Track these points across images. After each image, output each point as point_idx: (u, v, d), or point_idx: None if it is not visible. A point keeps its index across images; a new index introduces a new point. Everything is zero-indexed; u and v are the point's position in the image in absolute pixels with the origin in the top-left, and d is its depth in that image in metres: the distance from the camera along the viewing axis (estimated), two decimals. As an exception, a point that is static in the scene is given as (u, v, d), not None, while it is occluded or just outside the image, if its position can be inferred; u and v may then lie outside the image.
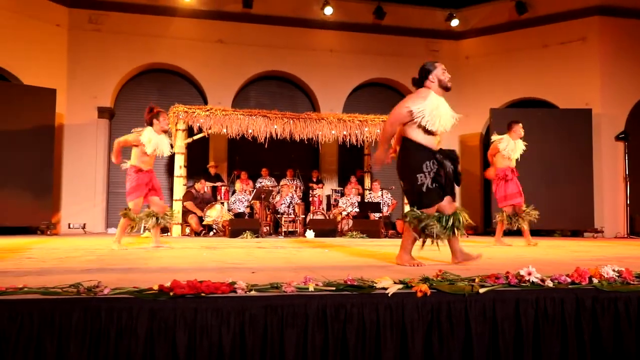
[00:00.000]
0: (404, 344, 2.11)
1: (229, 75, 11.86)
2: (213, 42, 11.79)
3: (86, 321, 1.91)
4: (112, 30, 11.27)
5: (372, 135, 10.13)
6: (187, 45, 11.66)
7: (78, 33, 11.12)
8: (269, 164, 11.31)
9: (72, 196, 10.96)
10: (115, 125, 11.66)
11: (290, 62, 12.19)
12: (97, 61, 11.15)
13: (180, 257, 4.43)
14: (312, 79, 12.33)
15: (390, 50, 12.47)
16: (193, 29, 11.73)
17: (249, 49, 11.88)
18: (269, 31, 12.00)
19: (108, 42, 11.23)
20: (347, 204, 10.51)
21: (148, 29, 11.42)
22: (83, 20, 11.16)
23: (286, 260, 4.01)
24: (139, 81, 11.88)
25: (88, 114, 11.15)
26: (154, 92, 11.83)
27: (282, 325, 2.05)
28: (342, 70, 12.37)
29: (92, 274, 2.83)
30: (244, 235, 8.49)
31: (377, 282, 2.25)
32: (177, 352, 1.96)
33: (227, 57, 11.80)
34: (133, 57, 11.42)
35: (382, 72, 12.59)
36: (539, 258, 4.37)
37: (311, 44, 12.34)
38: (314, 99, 12.50)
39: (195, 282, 2.08)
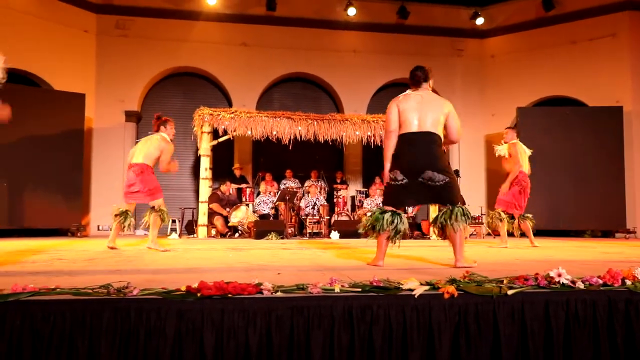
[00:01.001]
0: (431, 346, 2.09)
1: (253, 77, 11.94)
2: (237, 45, 11.89)
3: (116, 321, 1.94)
4: (138, 35, 11.47)
5: (397, 136, 10.07)
6: (211, 49, 11.79)
7: (105, 38, 11.35)
8: (294, 165, 11.34)
9: (101, 198, 11.17)
10: (142, 128, 11.84)
11: (314, 64, 12.21)
12: (124, 66, 11.37)
13: (207, 258, 4.47)
14: (335, 80, 12.33)
15: (414, 50, 12.38)
16: (217, 32, 11.86)
17: (273, 51, 11.94)
18: (292, 33, 12.05)
19: (134, 47, 11.43)
20: (371, 205, 10.47)
21: (173, 33, 11.59)
22: (110, 25, 11.38)
23: (311, 262, 4.02)
24: (164, 85, 12.06)
25: (116, 118, 11.37)
26: (180, 96, 11.99)
27: (309, 326, 2.05)
28: (366, 71, 12.34)
29: (122, 275, 2.88)
30: (269, 237, 8.53)
31: (403, 284, 2.24)
32: (204, 352, 1.98)
33: (250, 60, 11.88)
34: (159, 61, 11.60)
35: (406, 73, 12.25)
36: (569, 259, 4.28)
37: (334, 45, 12.34)
38: (337, 100, 12.49)
39: (222, 283, 2.10)
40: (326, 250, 5.67)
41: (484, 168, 12.60)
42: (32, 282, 2.15)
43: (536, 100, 12.07)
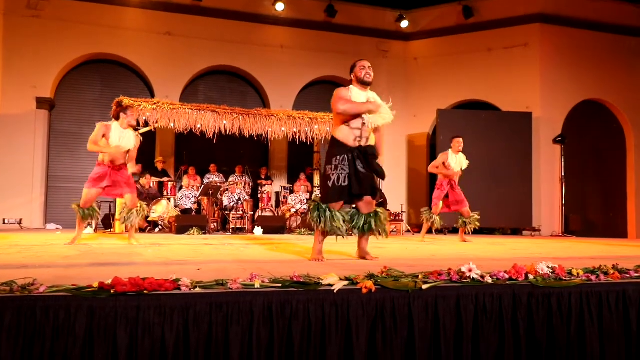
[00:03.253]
0: (349, 341, 2.14)
1: (177, 68, 11.61)
2: (161, 34, 11.51)
3: (19, 321, 1.83)
4: (53, 17, 10.80)
5: (322, 133, 10.17)
6: (133, 36, 11.33)
7: (15, 18, 10.59)
8: (218, 159, 11.16)
9: (7, 190, 10.43)
10: (56, 116, 11.20)
11: (241, 58, 12.06)
12: (36, 49, 10.66)
13: (124, 253, 4.30)
14: (262, 75, 12.25)
15: (341, 48, 12.54)
16: (140, 19, 11.41)
17: (199, 42, 11.67)
18: (219, 25, 11.83)
19: (49, 30, 10.75)
20: (296, 201, 10.52)
21: (92, 17, 11.01)
22: (21, 5, 10.63)
23: (233, 257, 3.98)
24: (81, 71, 11.44)
25: (26, 104, 10.64)
26: (98, 84, 11.44)
27: (227, 322, 2.03)
28: (293, 67, 12.36)
29: (28, 271, 2.71)
30: (191, 232, 8.34)
31: (323, 279, 2.26)
32: (117, 351, 1.91)
33: (175, 50, 11.55)
34: (76, 46, 10.98)
35: (333, 70, 12.65)
36: (481, 255, 4.52)
37: (262, 39, 12.25)
38: (264, 95, 12.42)
39: (137, 279, 2.03)
40: (249, 245, 5.63)
41: (405, 167, 13.02)
42: None
43: (455, 103, 12.61)
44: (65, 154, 11.16)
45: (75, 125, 11.14)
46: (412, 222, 12.12)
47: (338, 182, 3.66)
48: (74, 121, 11.17)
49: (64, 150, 11.16)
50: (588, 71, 11.97)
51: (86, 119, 11.02)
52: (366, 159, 3.72)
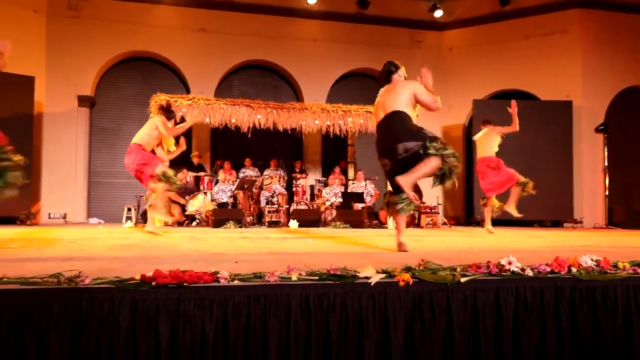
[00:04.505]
0: (386, 333, 2.13)
1: (212, 64, 11.75)
2: (195, 31, 11.66)
3: (67, 312, 1.89)
4: (92, 17, 11.08)
5: (356, 126, 10.14)
6: (169, 34, 11.52)
7: (57, 19, 10.91)
8: (253, 154, 11.27)
9: (53, 185, 10.80)
10: (96, 113, 11.51)
11: (274, 52, 12.11)
12: (77, 49, 10.96)
13: (163, 247, 4.40)
14: (295, 68, 12.28)
15: (374, 40, 12.45)
16: (175, 17, 11.58)
17: (232, 37, 11.77)
18: (252, 20, 11.90)
19: (88, 29, 11.04)
20: (330, 194, 10.53)
21: (129, 16, 11.24)
22: (62, 6, 10.94)
23: (270, 250, 4.01)
24: (120, 69, 11.71)
25: (68, 103, 10.97)
26: (136, 81, 11.69)
27: (265, 314, 2.05)
28: (326, 60, 12.33)
29: (74, 264, 2.80)
30: (227, 225, 8.46)
31: (359, 272, 2.26)
32: (159, 342, 1.95)
33: (209, 46, 11.68)
34: (114, 44, 11.25)
35: (366, 62, 12.58)
36: (520, 248, 4.43)
37: (295, 33, 12.26)
38: (297, 88, 12.45)
39: (177, 271, 2.07)
40: (285, 238, 5.67)
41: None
42: (-24, 271, 2.07)
43: (492, 93, 12.36)
44: (105, 150, 11.46)
45: (114, 122, 11.42)
46: (448, 214, 11.97)
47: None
48: (114, 118, 11.45)
49: (104, 147, 11.47)
50: (632, 57, 11.53)
51: (125, 115, 11.31)
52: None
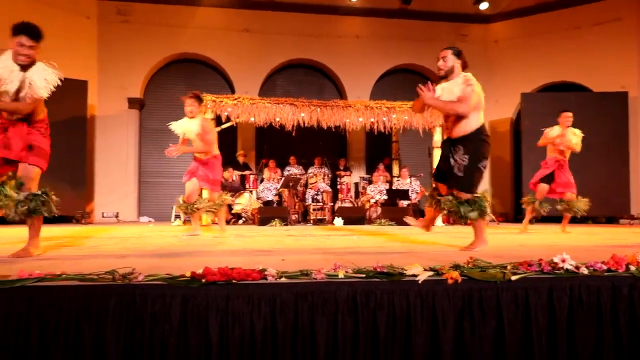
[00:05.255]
0: (435, 331, 2.10)
1: (256, 63, 11.89)
2: (239, 31, 11.82)
3: (122, 307, 1.96)
4: (139, 21, 11.41)
5: (400, 122, 10.05)
6: (213, 35, 11.72)
7: (107, 25, 11.30)
8: (297, 152, 11.33)
9: (105, 186, 11.21)
10: (145, 115, 11.85)
11: (317, 50, 12.14)
12: (126, 52, 11.32)
13: (211, 244, 4.49)
14: (338, 66, 12.27)
15: (417, 35, 12.30)
16: (219, 18, 11.78)
17: (275, 37, 11.88)
18: (295, 19, 11.97)
19: (136, 33, 11.38)
20: (375, 192, 10.48)
21: (175, 19, 11.52)
22: (111, 11, 11.32)
23: (315, 248, 4.03)
24: (167, 71, 12.02)
25: (119, 105, 11.35)
26: (182, 82, 11.95)
27: (313, 311, 2.06)
28: (369, 57, 12.27)
29: (127, 261, 2.89)
30: (273, 223, 8.55)
31: (407, 269, 2.24)
32: (210, 338, 1.99)
33: (253, 46, 11.82)
34: (161, 47, 11.55)
35: (410, 58, 12.44)
36: (573, 245, 4.28)
37: (337, 30, 12.26)
38: (340, 86, 12.44)
39: (226, 269, 2.11)
40: (330, 236, 5.68)
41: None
42: (37, 268, 2.17)
43: (540, 86, 12.00)
44: (154, 150, 11.79)
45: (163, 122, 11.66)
46: (496, 211, 11.70)
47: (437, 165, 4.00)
48: (162, 119, 11.71)
49: (153, 147, 11.79)
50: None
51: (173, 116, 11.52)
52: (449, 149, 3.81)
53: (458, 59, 3.78)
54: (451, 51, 3.78)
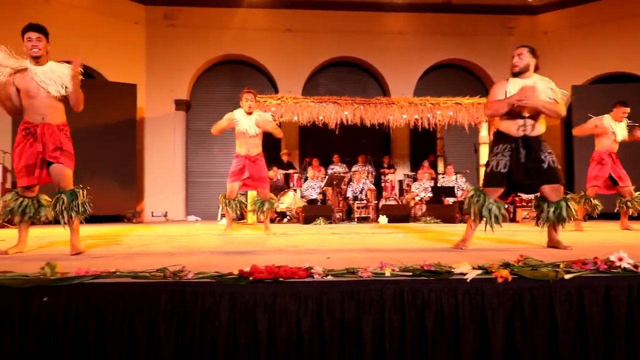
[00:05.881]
0: (485, 330, 2.06)
1: (299, 63, 11.95)
2: (282, 31, 11.91)
3: (173, 304, 2.01)
4: (185, 25, 11.67)
5: (445, 118, 9.88)
6: (256, 36, 11.86)
7: (154, 29, 11.61)
8: (341, 150, 11.33)
9: (154, 186, 11.53)
10: (192, 116, 12.10)
11: (359, 47, 12.09)
12: (172, 55, 11.60)
13: (257, 242, 4.54)
14: (381, 63, 12.19)
15: (462, 30, 12.06)
16: (262, 18, 11.90)
17: (318, 35, 11.90)
18: (337, 17, 11.96)
19: (182, 36, 11.64)
20: (419, 189, 10.36)
21: (219, 21, 11.72)
22: (158, 16, 11.62)
23: (361, 246, 4.02)
24: (212, 73, 12.24)
25: (166, 107, 11.65)
26: (227, 83, 12.14)
27: (359, 310, 2.06)
28: (413, 53, 12.12)
29: (177, 259, 2.96)
30: (317, 222, 8.57)
31: (455, 268, 2.21)
32: (258, 335, 2.02)
33: (296, 45, 11.89)
34: (206, 49, 11.77)
35: (455, 53, 12.21)
36: (630, 243, 4.11)
37: (380, 27, 12.17)
38: (384, 83, 12.35)
39: (273, 267, 2.13)
40: (374, 234, 5.66)
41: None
42: (93, 265, 2.25)
43: (592, 77, 11.55)
44: (201, 151, 12.04)
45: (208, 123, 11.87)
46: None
47: (497, 167, 3.64)
48: (208, 120, 11.94)
49: (199, 148, 12.04)
50: None
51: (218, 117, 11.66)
52: (529, 149, 3.62)
53: (534, 58, 3.75)
54: (527, 49, 3.75)
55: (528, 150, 3.60)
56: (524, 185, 3.67)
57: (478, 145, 9.97)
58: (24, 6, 9.71)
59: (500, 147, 3.66)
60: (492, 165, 3.66)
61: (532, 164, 3.57)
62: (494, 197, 3.65)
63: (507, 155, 3.62)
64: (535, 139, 3.65)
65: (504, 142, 3.67)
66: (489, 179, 3.68)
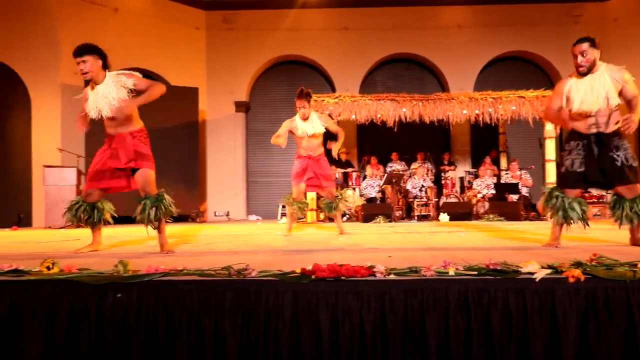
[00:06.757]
0: (555, 332, 1.98)
1: (355, 61, 11.93)
2: (338, 30, 11.92)
3: (238, 302, 2.06)
4: (244, 28, 11.91)
5: (507, 113, 9.58)
6: (313, 35, 11.93)
7: (214, 33, 11.92)
8: (399, 147, 11.21)
9: (216, 186, 11.84)
10: (251, 117, 12.34)
11: (417, 43, 11.92)
12: (232, 58, 11.87)
13: (317, 241, 4.57)
14: (440, 58, 11.95)
15: (524, 20, 11.63)
16: (318, 18, 11.96)
17: (374, 33, 11.83)
18: (393, 13, 11.84)
19: (240, 39, 11.88)
20: (482, 186, 10.09)
21: (276, 22, 11.87)
22: (218, 20, 11.92)
23: (422, 244, 3.96)
24: (270, 74, 12.42)
25: (226, 109, 11.94)
26: (285, 84, 12.29)
27: (423, 309, 2.03)
28: (472, 47, 11.82)
29: (240, 257, 3.03)
30: (377, 220, 8.53)
31: (522, 267, 2.13)
32: (321, 333, 2.03)
33: (352, 43, 11.87)
34: (264, 51, 11.96)
35: (517, 45, 11.80)
36: None
37: (438, 22, 11.94)
38: (442, 79, 12.12)
39: (335, 265, 2.13)
40: (436, 232, 5.56)
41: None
42: (162, 264, 2.33)
43: (669, 65, 10.86)
44: (260, 151, 12.25)
45: (267, 124, 12.14)
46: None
47: (572, 167, 3.47)
48: (266, 120, 12.18)
49: (259, 148, 12.26)
50: None
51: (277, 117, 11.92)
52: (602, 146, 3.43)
53: (597, 49, 3.42)
54: (588, 43, 3.40)
55: (601, 148, 3.41)
56: (598, 183, 3.51)
57: (543, 139, 9.60)
58: (95, 17, 10.22)
59: (572, 145, 3.50)
60: (566, 164, 3.50)
61: (605, 163, 3.38)
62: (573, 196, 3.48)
63: (581, 153, 3.45)
64: (609, 136, 3.44)
65: (576, 140, 3.50)
66: (565, 179, 3.52)
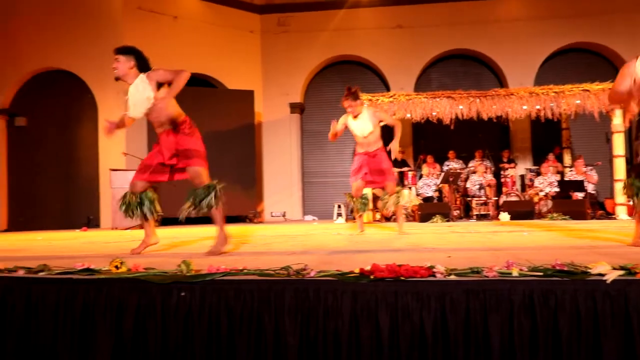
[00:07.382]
0: (630, 337, 1.88)
1: (409, 59, 11.80)
2: (392, 28, 11.83)
3: (297, 301, 2.07)
4: (297, 30, 12.03)
5: (571, 107, 9.19)
6: (366, 35, 11.89)
7: (269, 36, 12.10)
8: (456, 145, 10.99)
9: (273, 187, 12.02)
10: (306, 118, 12.44)
11: (472, 38, 11.65)
12: (286, 60, 12.01)
13: (375, 241, 4.55)
14: (497, 53, 11.63)
15: (588, 9, 11.13)
16: (372, 17, 11.91)
17: (428, 29, 11.66)
18: (447, 9, 11.63)
19: (295, 41, 12.01)
20: (544, 184, 9.73)
21: (329, 23, 11.92)
22: (272, 23, 12.10)
23: (482, 244, 3.86)
24: (324, 75, 12.48)
25: (282, 111, 12.09)
26: (339, 84, 12.29)
27: (485, 310, 1.98)
28: (531, 40, 11.42)
29: (298, 257, 3.06)
30: (434, 220, 8.40)
31: (591, 267, 2.04)
32: (380, 333, 2.02)
33: (406, 41, 11.75)
34: (318, 52, 12.03)
35: (581, 36, 11.31)
36: None
37: (493, 15, 11.62)
38: (500, 74, 11.78)
39: (394, 265, 2.12)
40: (497, 232, 5.42)
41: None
42: (223, 263, 2.39)
43: None
44: (315, 151, 12.33)
45: (322, 124, 12.19)
46: None
47: None
48: (321, 121, 12.23)
49: (314, 149, 12.34)
50: None
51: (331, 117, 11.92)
52: None
53: None
54: None
55: None
56: None
57: (610, 134, 9.15)
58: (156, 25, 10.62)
59: None
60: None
61: None
62: None
63: None
64: None
65: None
66: None
